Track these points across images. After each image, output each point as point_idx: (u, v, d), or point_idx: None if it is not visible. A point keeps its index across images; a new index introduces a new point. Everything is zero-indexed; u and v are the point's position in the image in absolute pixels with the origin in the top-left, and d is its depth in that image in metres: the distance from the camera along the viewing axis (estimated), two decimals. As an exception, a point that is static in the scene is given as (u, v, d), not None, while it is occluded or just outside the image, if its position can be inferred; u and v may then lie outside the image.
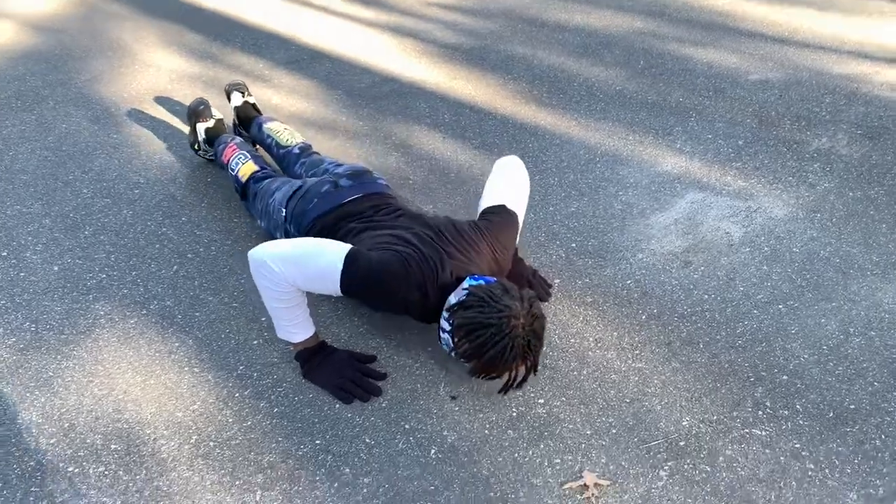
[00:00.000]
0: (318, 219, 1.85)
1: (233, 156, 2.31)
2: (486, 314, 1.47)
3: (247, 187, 2.20)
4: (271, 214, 2.03)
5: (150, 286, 2.07)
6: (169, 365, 1.79)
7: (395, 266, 1.55)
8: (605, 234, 2.24)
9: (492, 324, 1.46)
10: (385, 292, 1.56)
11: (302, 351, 1.72)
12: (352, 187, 1.91)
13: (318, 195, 1.90)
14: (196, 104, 2.58)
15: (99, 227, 2.34)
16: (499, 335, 1.46)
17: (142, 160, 2.73)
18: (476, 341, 1.48)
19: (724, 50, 3.61)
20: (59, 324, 1.93)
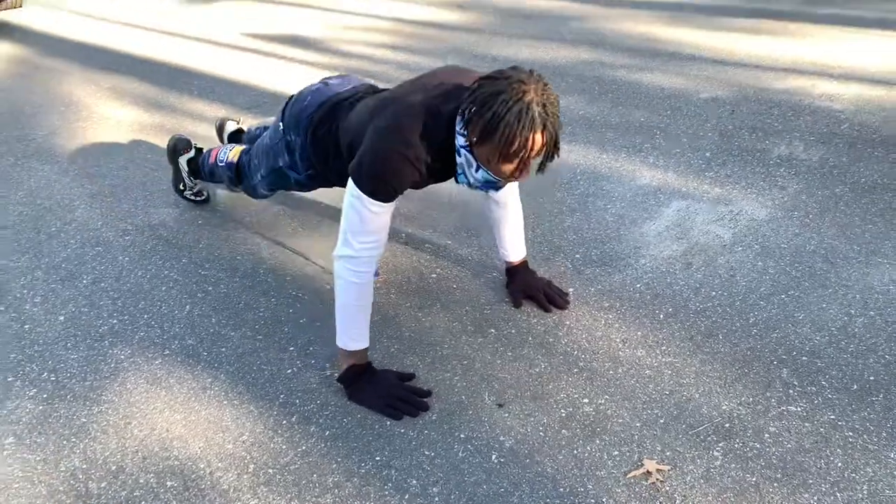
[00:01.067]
0: (313, 113, 1.91)
1: (218, 152, 2.36)
2: (494, 86, 1.45)
3: (239, 162, 2.25)
4: (268, 146, 2.08)
5: (166, 327, 2.04)
6: (207, 400, 1.77)
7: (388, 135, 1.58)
8: (605, 243, 2.33)
9: (502, 90, 1.43)
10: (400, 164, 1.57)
11: (349, 371, 1.73)
12: (340, 83, 1.98)
13: (309, 93, 1.96)
14: (173, 141, 2.58)
15: (97, 275, 2.29)
16: (511, 100, 1.42)
17: (124, 208, 2.69)
18: (489, 113, 1.44)
19: (671, 73, 3.83)
20: (81, 371, 1.88)
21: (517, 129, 1.44)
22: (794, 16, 4.81)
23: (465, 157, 1.59)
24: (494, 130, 1.46)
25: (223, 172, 2.34)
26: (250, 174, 2.23)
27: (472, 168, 1.59)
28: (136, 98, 3.84)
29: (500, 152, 1.49)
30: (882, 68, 3.71)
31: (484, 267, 2.24)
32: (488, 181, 1.60)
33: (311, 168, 2.01)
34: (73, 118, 3.61)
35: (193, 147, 2.53)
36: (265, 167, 2.13)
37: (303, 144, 1.96)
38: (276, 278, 2.23)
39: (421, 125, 1.58)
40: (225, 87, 3.98)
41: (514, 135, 1.45)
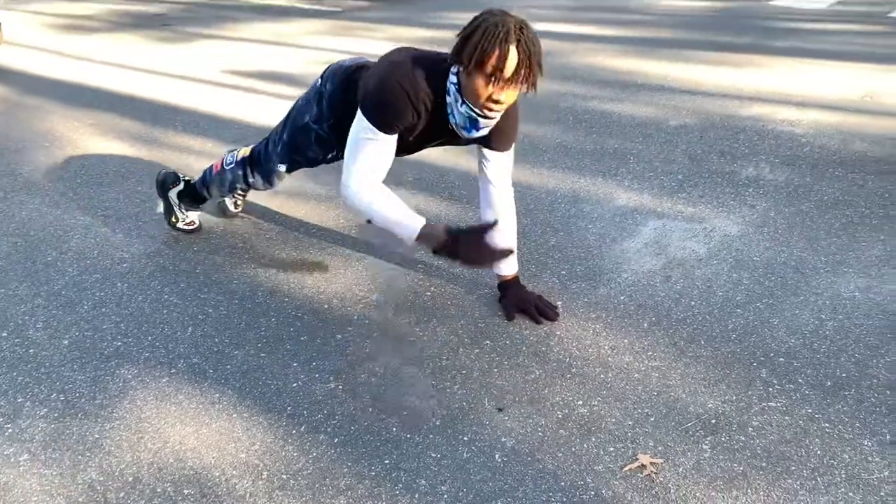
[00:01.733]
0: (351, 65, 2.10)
1: (223, 159, 2.49)
2: (479, 20, 1.66)
3: (253, 153, 2.41)
4: (296, 109, 2.25)
5: (170, 347, 2.10)
6: (216, 414, 1.83)
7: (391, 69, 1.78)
8: (589, 260, 2.46)
9: (484, 17, 1.65)
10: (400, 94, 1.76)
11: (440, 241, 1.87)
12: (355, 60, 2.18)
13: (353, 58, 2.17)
14: (162, 175, 2.66)
15: (97, 300, 2.35)
16: (489, 22, 1.63)
17: (119, 238, 2.75)
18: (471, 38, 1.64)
19: (640, 103, 4.02)
20: (90, 391, 1.93)
21: (493, 40, 1.60)
22: (755, 48, 5.06)
23: (454, 95, 1.76)
24: (476, 47, 1.63)
25: (233, 175, 2.43)
26: (267, 155, 2.36)
27: (457, 104, 1.76)
28: (121, 133, 3.92)
29: (478, 67, 1.65)
30: (837, 95, 3.93)
31: (476, 284, 2.34)
32: (471, 118, 1.77)
33: (333, 116, 2.14)
34: (58, 153, 3.66)
35: (182, 180, 2.62)
36: (289, 130, 2.27)
37: (334, 90, 2.11)
38: (273, 299, 2.31)
39: (423, 67, 1.78)
40: (209, 122, 4.07)
41: (490, 46, 1.61)
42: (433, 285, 2.35)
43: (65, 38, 6.71)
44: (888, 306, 2.12)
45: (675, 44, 5.34)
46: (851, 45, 5.04)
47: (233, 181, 2.47)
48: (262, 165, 2.38)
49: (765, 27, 5.71)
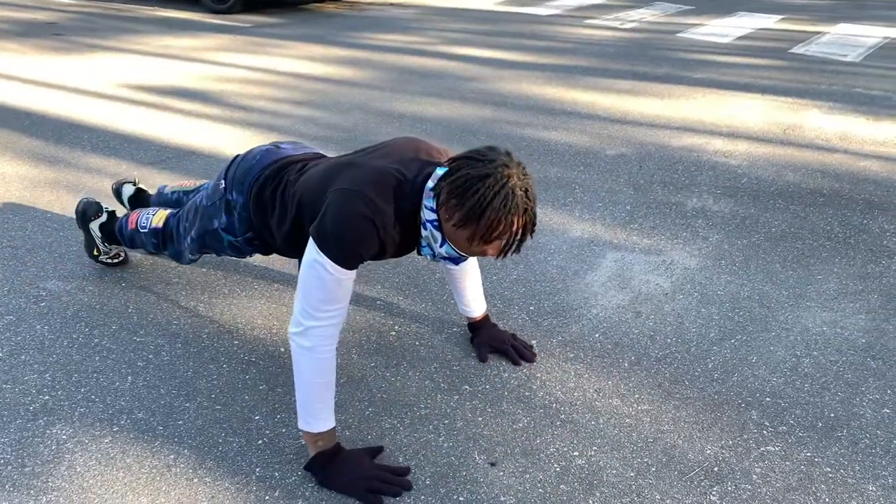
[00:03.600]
0: (261, 172, 1.82)
1: (139, 217, 2.23)
2: (477, 169, 1.41)
3: (166, 227, 2.13)
4: (202, 206, 1.98)
5: (108, 401, 1.85)
6: (174, 479, 1.61)
7: (350, 202, 1.51)
8: (555, 295, 2.37)
9: (487, 174, 1.40)
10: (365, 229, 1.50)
11: (320, 454, 1.60)
12: (293, 147, 1.92)
13: (259, 153, 1.89)
14: (82, 205, 2.39)
15: (14, 346, 2.06)
16: (497, 185, 1.39)
17: (31, 271, 2.46)
18: (473, 198, 1.40)
19: (573, 131, 4.02)
20: (16, 457, 1.66)
21: (503, 213, 1.42)
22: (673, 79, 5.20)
23: (431, 232, 1.55)
24: (480, 216, 1.42)
25: (146, 239, 2.19)
26: (178, 238, 2.11)
27: (436, 243, 1.55)
28: (23, 153, 3.55)
29: (481, 236, 1.46)
30: (763, 127, 4.06)
31: (442, 322, 2.21)
32: (453, 256, 1.58)
33: (250, 230, 1.90)
34: (-51, 175, 3.27)
35: (105, 211, 2.36)
36: (197, 229, 2.01)
37: (244, 204, 1.86)
38: (221, 342, 2.10)
39: (387, 191, 1.53)
40: (120, 141, 3.76)
41: (499, 220, 1.43)
42: (396, 324, 2.20)
43: (-56, 45, 6.13)
44: (856, 341, 2.14)
45: (596, 72, 5.41)
46: (765, 78, 5.26)
47: (143, 245, 2.24)
48: (174, 245, 2.15)
49: (678, 58, 5.90)
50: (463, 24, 7.41)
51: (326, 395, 1.57)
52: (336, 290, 1.52)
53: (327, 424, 1.59)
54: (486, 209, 1.41)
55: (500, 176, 1.41)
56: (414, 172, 1.57)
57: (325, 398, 1.57)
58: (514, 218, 1.45)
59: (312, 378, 1.54)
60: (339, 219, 1.50)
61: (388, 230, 1.54)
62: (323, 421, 1.58)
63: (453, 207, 1.45)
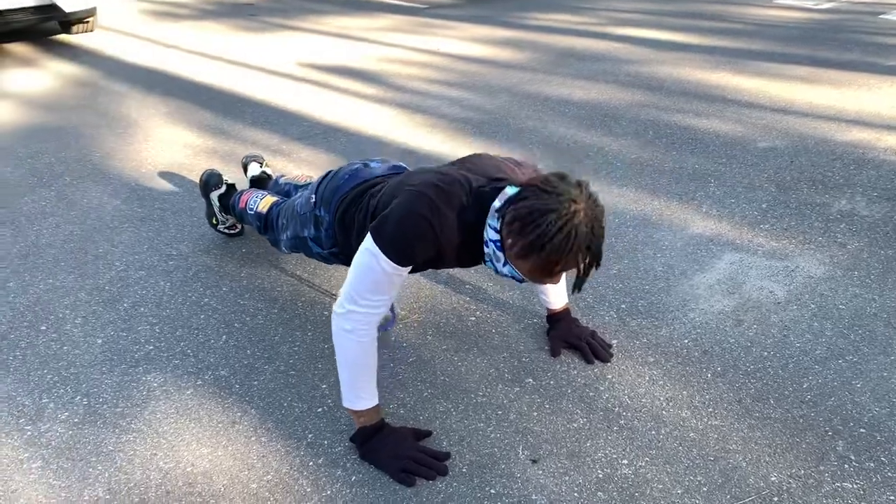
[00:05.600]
0: (346, 194, 1.86)
1: (249, 197, 2.34)
2: (543, 201, 1.36)
3: (269, 215, 2.22)
4: (298, 213, 2.04)
5: (201, 356, 2.02)
6: (234, 436, 1.73)
7: (415, 202, 1.50)
8: (653, 294, 2.25)
9: (552, 209, 1.35)
10: (424, 231, 1.49)
11: (362, 429, 1.66)
12: (381, 166, 1.94)
13: (348, 172, 1.92)
14: (206, 175, 2.59)
15: (137, 299, 2.30)
16: (560, 221, 1.34)
17: (171, 233, 2.71)
18: (536, 231, 1.36)
19: (728, 120, 3.75)
20: (113, 397, 1.87)
21: (564, 251, 1.37)
22: (859, 66, 4.68)
23: (494, 251, 1.52)
24: (540, 249, 1.39)
25: (252, 220, 2.33)
26: (277, 231, 2.21)
27: (499, 262, 1.52)
28: (192, 123, 3.92)
29: (541, 268, 1.43)
30: (952, 124, 3.56)
31: (524, 312, 2.18)
32: (515, 277, 1.54)
33: (335, 246, 1.97)
34: (130, 140, 3.68)
35: (224, 183, 2.55)
36: (291, 231, 2.10)
37: (330, 222, 1.92)
38: (313, 313, 2.21)
39: (454, 198, 1.52)
40: (278, 116, 4.03)
41: (559, 257, 1.39)
42: (479, 309, 2.20)
43: (156, 26, 6.86)
44: None
45: (770, 57, 5.00)
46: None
47: (250, 224, 2.38)
48: (272, 234, 2.25)
49: (873, 43, 5.29)
50: (638, 4, 7.12)
51: (367, 376, 1.62)
52: (384, 283, 1.55)
53: (369, 403, 1.64)
54: (547, 245, 1.37)
55: (566, 212, 1.36)
56: (482, 184, 1.56)
57: (366, 379, 1.62)
58: (576, 256, 1.39)
59: (353, 360, 1.59)
60: (398, 215, 1.52)
61: (447, 235, 1.53)
62: (364, 400, 1.63)
63: (515, 236, 1.42)
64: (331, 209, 1.90)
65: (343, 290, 1.59)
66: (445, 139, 3.61)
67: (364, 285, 1.55)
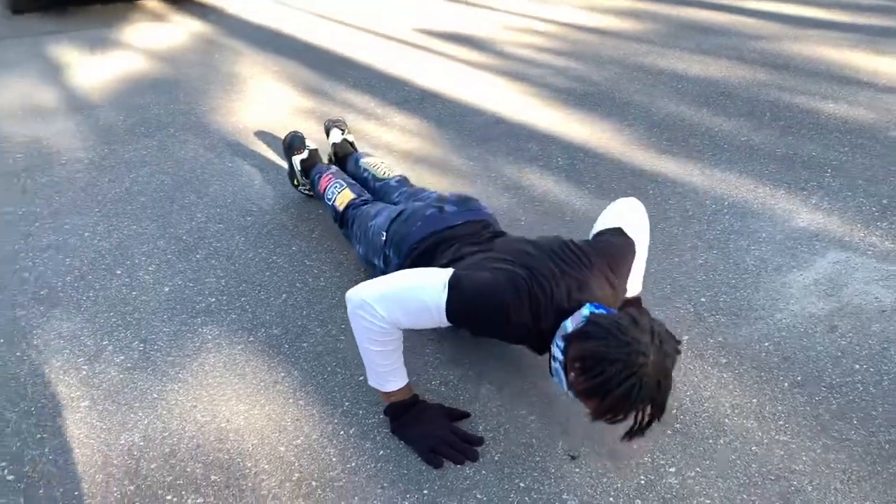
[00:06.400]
0: (419, 242, 1.77)
1: (329, 185, 2.27)
2: (610, 348, 1.29)
3: (345, 215, 2.15)
4: (370, 239, 1.96)
5: (258, 313, 2.02)
6: (273, 395, 1.72)
7: (503, 285, 1.43)
8: (738, 290, 2.06)
9: (618, 359, 1.27)
10: (495, 316, 1.44)
11: (393, 404, 1.60)
12: (457, 213, 1.83)
13: (421, 218, 1.83)
14: (290, 137, 2.58)
15: (211, 251, 2.33)
16: (625, 372, 1.27)
17: (255, 188, 2.74)
18: (598, 378, 1.29)
19: (858, 105, 3.39)
20: (167, 345, 1.90)
21: (626, 403, 1.29)
22: None
23: (558, 371, 1.42)
24: (602, 397, 1.31)
25: (328, 209, 2.27)
26: (350, 237, 2.14)
27: (562, 383, 1.42)
28: (296, 83, 3.95)
29: (600, 411, 1.34)
30: None
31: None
32: None
33: None
34: (234, 97, 3.76)
35: (307, 148, 2.53)
36: (363, 249, 2.03)
37: (399, 265, 1.83)
38: (375, 279, 2.16)
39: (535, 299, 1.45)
40: (379, 79, 4.00)
41: (621, 407, 1.31)
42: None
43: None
44: None
45: (925, 37, 4.49)
46: None
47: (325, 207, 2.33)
48: (345, 231, 2.19)
49: None
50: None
51: (387, 360, 1.55)
52: (420, 321, 1.48)
53: (395, 385, 1.58)
54: (608, 396, 1.29)
55: (632, 364, 1.27)
56: (563, 296, 1.46)
57: (387, 363, 1.55)
58: (638, 408, 1.31)
59: (368, 345, 1.52)
60: (481, 287, 1.45)
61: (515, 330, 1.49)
62: (390, 382, 1.57)
63: (578, 374, 1.34)
64: (400, 255, 1.82)
65: (375, 284, 1.49)
66: (544, 110, 3.46)
67: (404, 308, 1.46)
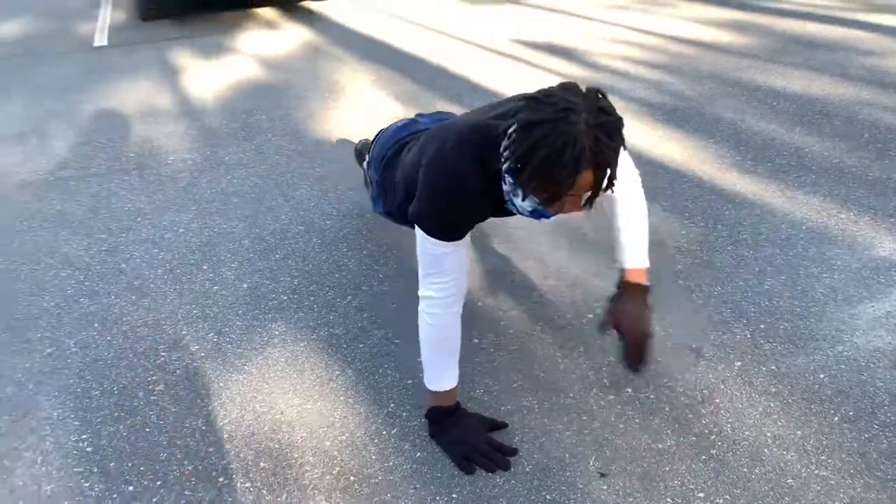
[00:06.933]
0: (387, 152, 1.90)
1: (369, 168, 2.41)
2: (539, 111, 1.23)
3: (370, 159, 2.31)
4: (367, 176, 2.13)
5: (323, 313, 2.14)
6: (327, 392, 1.83)
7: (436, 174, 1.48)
8: (802, 318, 2.01)
9: (545, 119, 1.21)
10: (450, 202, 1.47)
11: (435, 408, 1.67)
12: (428, 122, 1.95)
13: (393, 129, 1.98)
14: (360, 145, 2.73)
15: (289, 251, 2.48)
16: (555, 132, 1.20)
17: (338, 193, 2.88)
18: (528, 143, 1.23)
19: (972, 128, 3.19)
20: (238, 338, 2.05)
21: (561, 164, 1.21)
22: None
23: (510, 184, 1.39)
24: (536, 163, 1.24)
25: None
26: None
27: (517, 196, 1.39)
28: (392, 92, 4.10)
29: (544, 187, 1.27)
30: None
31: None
32: (536, 210, 1.39)
33: (385, 205, 2.00)
34: (331, 104, 3.94)
35: None
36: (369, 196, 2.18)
37: (378, 182, 1.93)
38: (437, 286, 2.24)
39: (469, 152, 1.45)
40: (469, 90, 4.09)
41: (555, 170, 1.22)
42: (599, 307, 2.10)
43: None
44: None
45: None
46: None
47: None
48: None
49: None
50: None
51: (445, 359, 1.62)
52: (440, 262, 1.54)
53: (447, 385, 1.65)
54: (538, 158, 1.23)
55: (562, 122, 1.21)
56: (501, 122, 1.42)
57: (446, 362, 1.63)
58: (576, 171, 1.22)
59: (431, 343, 1.61)
60: (427, 192, 1.50)
61: (478, 191, 1.47)
62: (444, 382, 1.64)
63: (510, 153, 1.29)
64: (377, 168, 1.93)
65: (420, 275, 1.60)
66: (628, 123, 3.45)
67: (426, 270, 1.56)
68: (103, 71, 4.82)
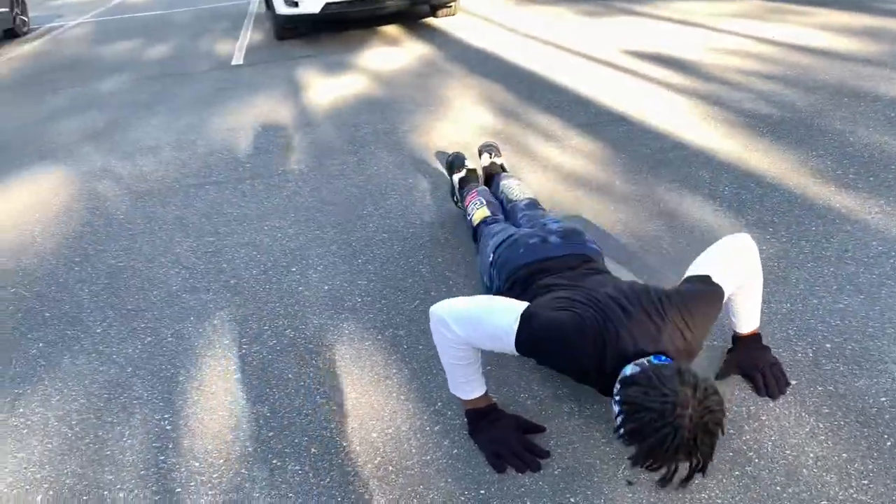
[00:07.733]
0: (518, 269, 1.90)
1: (471, 201, 2.46)
2: (648, 396, 1.33)
3: (477, 230, 2.34)
4: (485, 256, 2.12)
5: (391, 315, 2.27)
6: (382, 388, 1.95)
7: (572, 327, 1.51)
8: (872, 339, 1.93)
9: (653, 408, 1.31)
10: (559, 354, 1.53)
11: (472, 410, 1.74)
12: (559, 245, 1.93)
13: (524, 246, 1.96)
14: (452, 157, 2.83)
15: (371, 257, 2.63)
16: (660, 422, 1.31)
17: (425, 203, 3.01)
18: (634, 424, 1.34)
19: None
20: (311, 335, 2.21)
21: (659, 452, 1.33)
22: None
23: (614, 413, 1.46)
24: (639, 441, 1.36)
25: (467, 222, 2.46)
26: (477, 248, 2.32)
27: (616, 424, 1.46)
28: (493, 105, 4.21)
29: (640, 456, 1.37)
30: None
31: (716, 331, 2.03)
32: None
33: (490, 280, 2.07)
34: (433, 117, 4.11)
35: (465, 168, 2.74)
36: (480, 264, 2.20)
37: (499, 288, 1.97)
38: (503, 294, 2.32)
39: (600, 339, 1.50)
40: (572, 101, 4.13)
41: (655, 455, 1.35)
42: (659, 320, 2.10)
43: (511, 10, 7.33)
44: None
45: None
46: None
47: None
48: (476, 244, 2.36)
49: None
50: None
51: (465, 371, 1.68)
52: (490, 345, 1.59)
53: (472, 394, 1.72)
54: (642, 441, 1.35)
55: (668, 414, 1.31)
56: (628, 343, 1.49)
57: (466, 373, 1.69)
58: (672, 460, 1.35)
59: (446, 357, 1.67)
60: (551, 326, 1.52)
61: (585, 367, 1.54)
62: (467, 392, 1.72)
63: (623, 420, 1.39)
64: (501, 278, 1.97)
65: (458, 304, 1.62)
66: (729, 136, 3.37)
67: (478, 328, 1.58)
68: (237, 88, 5.24)
